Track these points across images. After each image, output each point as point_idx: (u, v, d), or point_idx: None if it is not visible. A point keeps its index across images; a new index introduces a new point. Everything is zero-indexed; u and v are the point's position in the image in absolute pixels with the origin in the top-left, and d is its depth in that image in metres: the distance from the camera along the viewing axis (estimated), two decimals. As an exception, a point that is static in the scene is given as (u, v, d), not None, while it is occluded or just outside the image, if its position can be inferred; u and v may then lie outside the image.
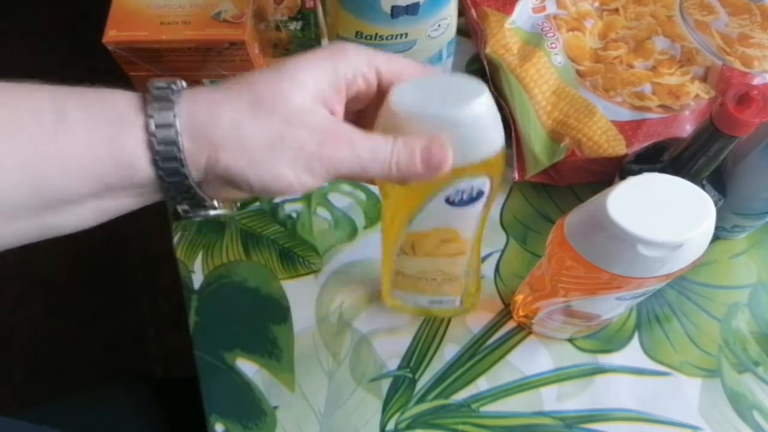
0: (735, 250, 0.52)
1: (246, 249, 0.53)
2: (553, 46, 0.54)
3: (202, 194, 0.30)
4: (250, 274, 0.52)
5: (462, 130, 0.29)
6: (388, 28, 0.46)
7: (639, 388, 0.47)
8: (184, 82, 0.29)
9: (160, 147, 0.28)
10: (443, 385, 0.48)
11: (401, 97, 0.30)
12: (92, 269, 1.25)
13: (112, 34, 0.46)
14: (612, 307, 0.41)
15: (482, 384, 0.48)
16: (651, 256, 0.31)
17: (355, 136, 0.29)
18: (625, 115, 0.51)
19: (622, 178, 0.38)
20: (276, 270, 0.52)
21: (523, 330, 0.49)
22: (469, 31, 0.60)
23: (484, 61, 0.55)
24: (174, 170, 0.28)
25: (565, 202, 0.54)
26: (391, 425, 0.47)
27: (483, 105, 0.29)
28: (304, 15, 0.54)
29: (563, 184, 0.53)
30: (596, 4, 0.57)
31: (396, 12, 0.44)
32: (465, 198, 0.33)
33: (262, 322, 0.50)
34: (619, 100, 0.52)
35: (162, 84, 0.29)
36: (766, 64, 0.52)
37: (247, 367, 0.49)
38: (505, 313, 0.50)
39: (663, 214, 0.31)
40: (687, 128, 0.51)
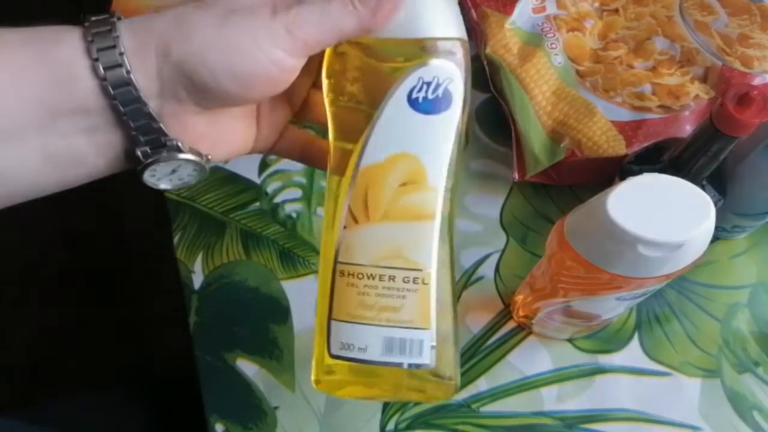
0: (735, 250, 0.52)
1: (246, 249, 0.53)
2: (553, 46, 0.54)
3: (156, 117, 0.28)
4: (250, 274, 0.52)
5: None
6: None
7: (639, 389, 0.47)
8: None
9: (100, 53, 0.26)
10: (443, 385, 0.48)
11: None
12: (92, 269, 1.25)
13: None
14: (612, 308, 0.41)
15: (482, 384, 0.48)
16: (651, 257, 0.31)
17: None
18: (625, 115, 0.51)
19: (622, 178, 0.38)
20: (276, 270, 0.52)
21: (523, 330, 0.49)
22: (468, 31, 0.60)
23: (484, 62, 0.55)
24: (120, 79, 0.26)
25: (565, 202, 0.54)
26: (391, 425, 0.47)
27: None
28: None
29: (563, 184, 0.53)
30: (596, 5, 0.57)
31: None
32: (430, 96, 0.30)
33: (262, 323, 0.50)
34: (619, 101, 0.52)
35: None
36: (766, 65, 0.52)
37: (248, 367, 0.49)
38: (505, 314, 0.50)
39: (663, 215, 0.31)
40: (687, 128, 0.51)
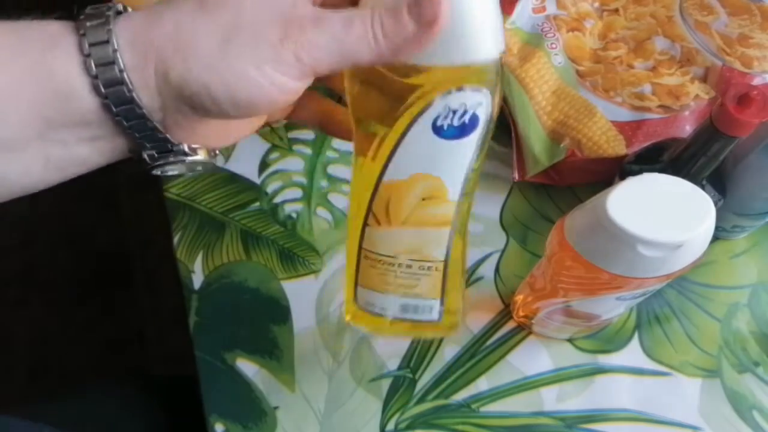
0: (735, 250, 0.52)
1: (246, 249, 0.53)
2: (553, 46, 0.54)
3: (161, 129, 0.26)
4: (250, 274, 0.52)
5: (458, 13, 0.25)
6: None
7: (639, 389, 0.47)
8: (128, 7, 0.26)
9: (99, 69, 0.24)
10: (443, 386, 0.48)
11: None
12: (92, 269, 1.25)
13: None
14: (612, 308, 0.41)
15: (482, 384, 0.48)
16: (651, 256, 0.31)
17: (324, 14, 0.25)
18: (625, 115, 0.51)
19: (622, 178, 0.38)
20: (276, 270, 0.52)
21: (523, 330, 0.49)
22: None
23: (484, 62, 0.55)
24: (121, 96, 0.25)
25: (565, 202, 0.54)
26: (391, 425, 0.47)
27: None
28: None
29: (563, 184, 0.53)
30: (596, 5, 0.57)
31: None
32: (456, 123, 0.29)
33: (262, 323, 0.50)
34: (619, 101, 0.52)
35: (98, 6, 0.25)
36: (766, 65, 0.52)
37: (248, 367, 0.49)
38: (505, 314, 0.50)
39: (663, 215, 0.31)
40: (687, 128, 0.51)
